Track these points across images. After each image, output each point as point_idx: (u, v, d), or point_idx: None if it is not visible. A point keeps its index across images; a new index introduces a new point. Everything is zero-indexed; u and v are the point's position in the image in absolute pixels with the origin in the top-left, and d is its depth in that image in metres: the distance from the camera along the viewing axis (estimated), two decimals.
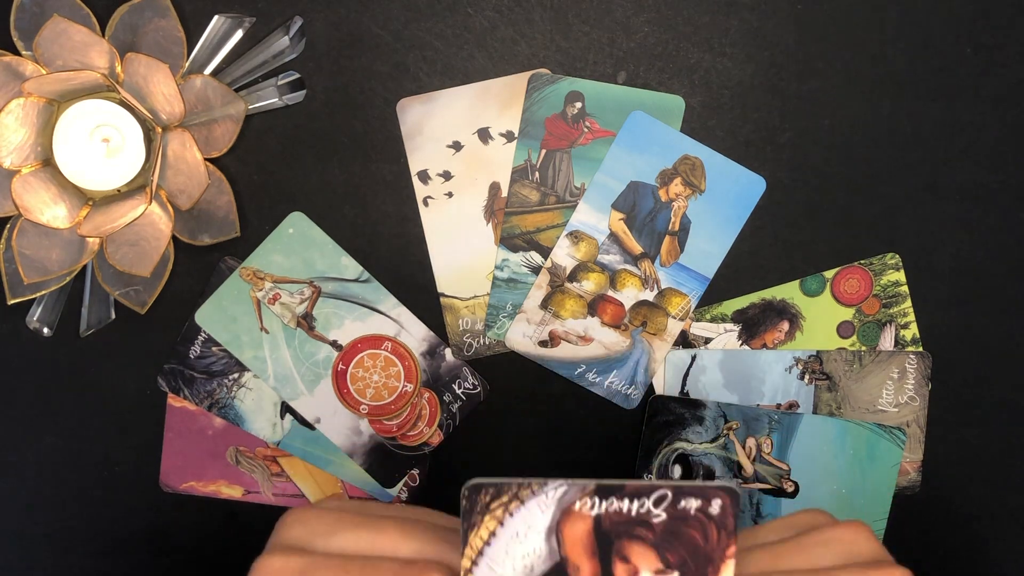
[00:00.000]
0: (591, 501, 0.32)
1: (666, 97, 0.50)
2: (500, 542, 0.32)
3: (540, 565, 0.32)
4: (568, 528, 0.32)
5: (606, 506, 0.32)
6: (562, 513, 0.32)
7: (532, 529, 0.32)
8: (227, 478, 0.52)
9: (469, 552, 0.32)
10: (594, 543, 0.32)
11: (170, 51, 0.48)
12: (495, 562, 0.32)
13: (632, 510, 0.32)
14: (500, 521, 0.32)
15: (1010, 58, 0.50)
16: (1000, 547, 0.53)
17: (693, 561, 0.32)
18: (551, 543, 0.32)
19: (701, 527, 0.32)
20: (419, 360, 0.51)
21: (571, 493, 0.32)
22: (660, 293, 0.51)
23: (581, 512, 0.32)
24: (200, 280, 0.51)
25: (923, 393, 0.52)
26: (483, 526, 0.32)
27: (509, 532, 0.32)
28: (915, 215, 0.51)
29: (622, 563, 0.32)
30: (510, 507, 0.32)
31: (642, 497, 0.32)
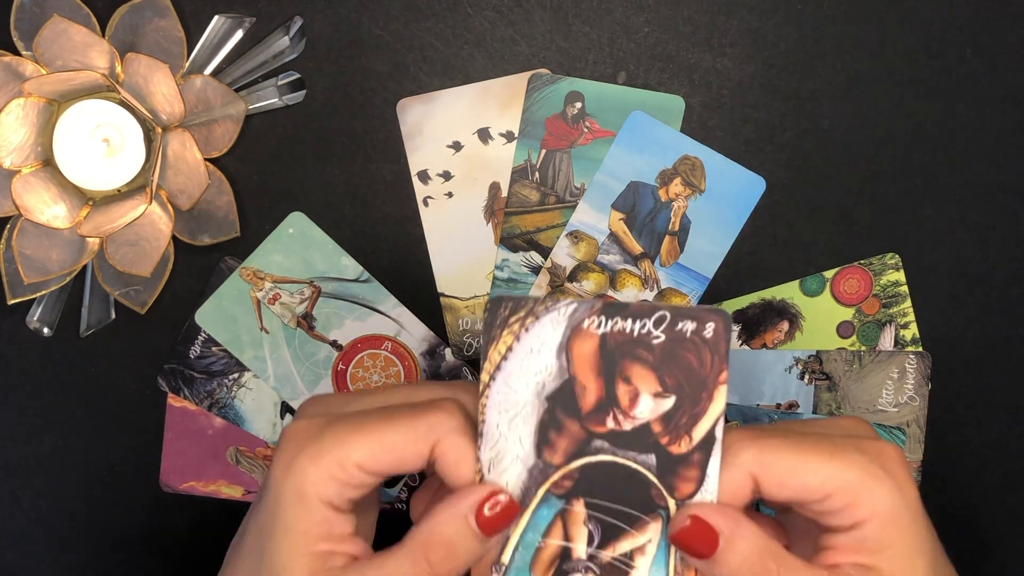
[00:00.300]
0: (598, 319, 0.34)
1: (666, 97, 0.50)
2: (516, 357, 0.34)
3: (551, 382, 0.34)
4: (577, 346, 0.34)
5: (611, 325, 0.34)
6: (572, 331, 0.34)
7: (545, 345, 0.34)
8: (227, 478, 0.52)
9: (488, 366, 0.34)
10: (600, 362, 0.34)
11: (170, 51, 0.48)
12: (511, 376, 0.34)
13: (634, 330, 0.34)
14: (516, 336, 0.34)
15: (1010, 58, 0.50)
16: (1000, 547, 0.53)
17: (688, 385, 0.34)
18: (561, 360, 0.34)
19: (696, 350, 0.34)
20: (419, 360, 0.52)
21: (581, 310, 0.34)
22: (660, 293, 0.51)
23: (589, 330, 0.34)
24: (200, 280, 0.51)
25: (923, 393, 0.52)
26: (501, 340, 0.34)
27: (524, 347, 0.34)
28: (915, 215, 0.51)
29: (624, 384, 0.34)
30: (526, 322, 0.34)
31: (644, 318, 0.34)
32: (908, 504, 0.34)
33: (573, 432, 0.34)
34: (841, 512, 0.34)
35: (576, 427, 0.34)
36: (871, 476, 0.33)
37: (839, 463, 0.33)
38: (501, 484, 0.34)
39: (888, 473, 0.34)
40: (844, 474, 0.33)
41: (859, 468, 0.33)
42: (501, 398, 0.34)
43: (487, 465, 0.34)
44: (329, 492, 0.34)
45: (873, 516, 0.33)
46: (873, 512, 0.33)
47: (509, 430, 0.34)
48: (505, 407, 0.34)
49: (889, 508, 0.33)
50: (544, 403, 0.34)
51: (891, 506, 0.33)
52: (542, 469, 0.34)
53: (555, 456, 0.34)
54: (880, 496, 0.33)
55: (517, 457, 0.34)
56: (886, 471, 0.34)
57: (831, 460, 0.33)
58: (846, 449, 0.34)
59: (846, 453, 0.34)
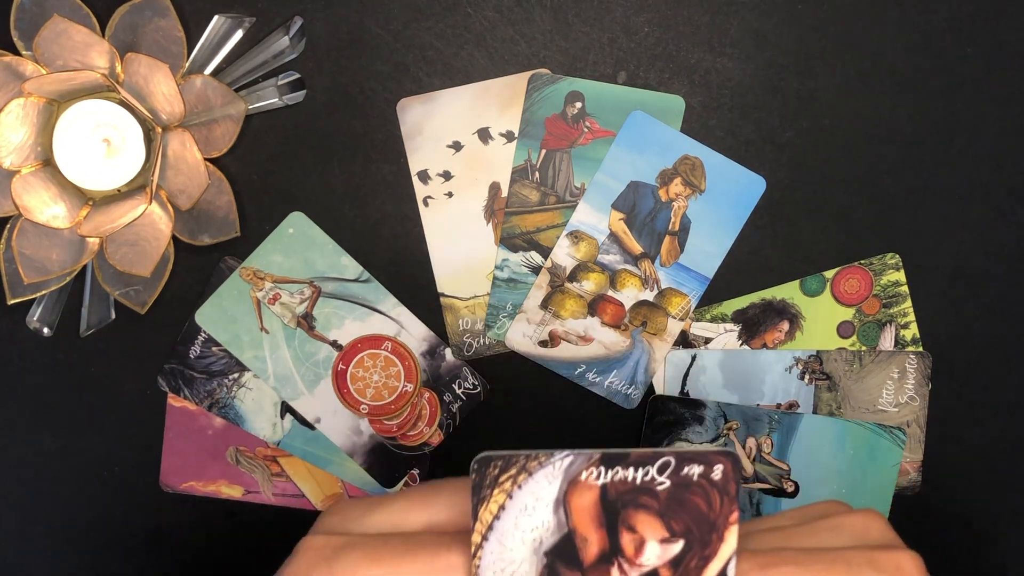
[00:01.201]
0: (597, 471, 0.32)
1: (666, 97, 0.50)
2: (509, 516, 0.33)
3: (549, 538, 0.33)
4: (575, 499, 0.33)
5: (611, 475, 0.32)
6: (569, 484, 0.32)
7: (540, 501, 0.33)
8: (227, 478, 0.52)
9: (479, 527, 0.33)
10: (601, 513, 0.33)
11: (170, 51, 0.48)
12: (505, 536, 0.33)
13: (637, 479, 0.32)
14: (509, 494, 0.33)
15: (1010, 58, 0.50)
16: (1000, 547, 0.53)
17: (697, 528, 0.32)
18: (559, 515, 0.33)
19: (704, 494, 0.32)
20: (419, 360, 0.52)
21: (577, 463, 0.32)
22: (660, 293, 0.51)
23: (587, 482, 0.32)
24: (200, 280, 0.51)
25: (923, 393, 0.52)
26: (492, 500, 0.33)
27: (518, 505, 0.33)
28: (915, 215, 0.51)
29: (629, 533, 0.33)
30: (518, 479, 0.32)
31: (646, 465, 0.32)
32: None
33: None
34: None
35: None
36: None
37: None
38: None
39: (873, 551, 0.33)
40: None
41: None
42: (495, 558, 0.33)
43: None
44: None
45: None
46: None
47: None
48: (500, 567, 0.33)
49: None
50: (543, 559, 0.33)
51: None
52: None
53: None
54: None
55: None
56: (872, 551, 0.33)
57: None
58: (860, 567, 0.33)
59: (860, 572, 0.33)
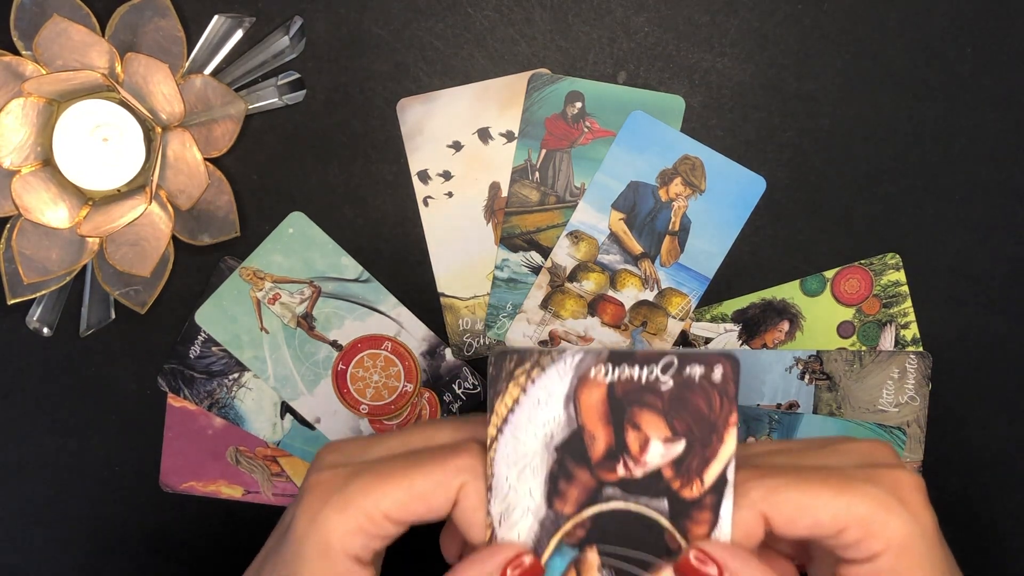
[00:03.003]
0: (605, 368, 0.33)
1: (666, 97, 0.50)
2: (523, 409, 0.34)
3: (559, 433, 0.34)
4: (584, 395, 0.34)
5: (618, 373, 0.33)
6: (579, 380, 0.34)
7: (552, 396, 0.34)
8: (227, 478, 0.52)
9: (495, 419, 0.34)
10: (608, 411, 0.34)
11: (170, 51, 0.48)
12: (518, 429, 0.34)
13: (642, 377, 0.33)
14: (523, 388, 0.34)
15: (1010, 58, 0.50)
16: (1000, 547, 0.53)
17: (698, 429, 0.33)
18: (569, 411, 0.34)
19: (705, 395, 0.33)
20: (419, 360, 0.52)
21: (587, 360, 0.34)
22: (660, 293, 0.51)
23: (596, 379, 0.34)
24: (200, 280, 0.51)
25: (923, 393, 0.52)
26: (507, 393, 0.34)
27: (531, 399, 0.34)
28: (915, 215, 0.51)
29: (634, 431, 0.34)
30: (532, 374, 0.34)
31: (651, 364, 0.33)
32: (924, 533, 0.33)
33: (584, 481, 0.34)
34: (856, 545, 0.33)
35: (586, 476, 0.34)
36: (884, 508, 0.33)
37: (850, 497, 0.33)
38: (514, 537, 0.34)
39: (902, 503, 0.33)
40: (856, 508, 0.33)
41: (871, 500, 0.33)
42: (509, 451, 0.34)
43: (498, 519, 0.34)
44: (355, 545, 0.33)
45: (888, 548, 0.33)
46: (888, 544, 0.33)
47: (519, 482, 0.34)
48: (514, 460, 0.34)
49: (903, 539, 0.33)
50: (553, 454, 0.34)
51: (905, 536, 0.33)
52: (553, 520, 0.34)
53: (566, 506, 0.34)
54: (894, 527, 0.33)
55: (528, 509, 0.34)
56: (900, 501, 0.33)
57: (842, 494, 0.33)
58: (858, 481, 0.34)
59: (857, 485, 0.33)
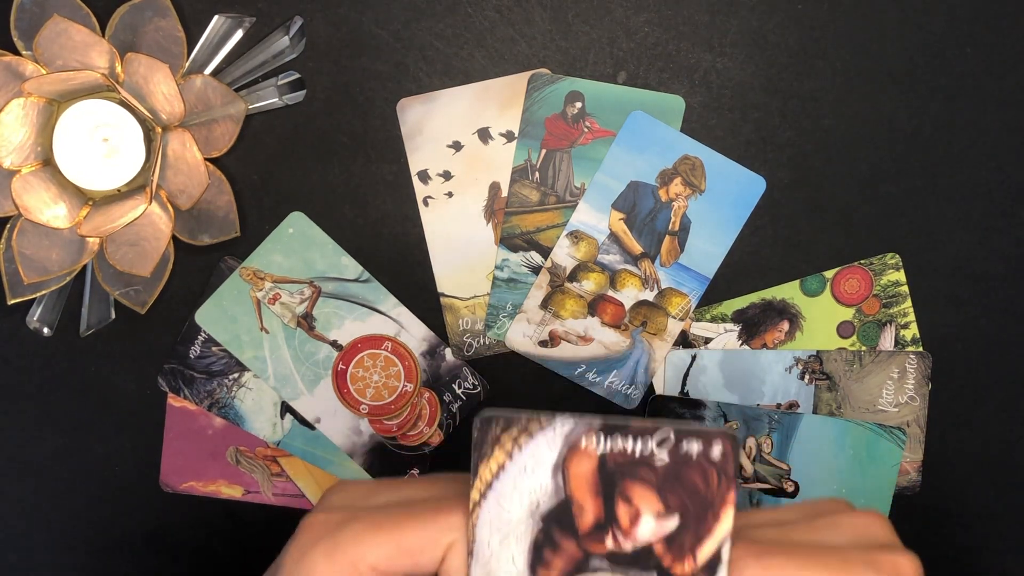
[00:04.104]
0: (596, 439, 0.33)
1: (666, 97, 0.50)
2: (508, 476, 0.33)
3: (546, 501, 0.33)
4: (574, 465, 0.33)
5: (611, 445, 0.33)
6: (568, 450, 0.33)
7: (539, 465, 0.33)
8: (227, 478, 0.52)
9: (479, 484, 0.33)
10: (598, 482, 0.33)
11: (170, 51, 0.48)
12: (503, 496, 0.33)
13: (636, 450, 0.33)
14: (509, 454, 0.33)
15: (1010, 58, 0.50)
16: (1000, 547, 0.53)
17: (693, 505, 0.33)
18: (557, 480, 0.33)
19: (702, 472, 0.32)
20: (419, 360, 0.52)
21: (578, 429, 0.33)
22: (660, 293, 0.51)
23: (587, 450, 0.33)
24: (200, 280, 0.51)
25: (923, 393, 0.52)
26: (493, 458, 0.33)
27: (517, 466, 0.33)
28: (915, 215, 0.51)
29: (625, 504, 0.33)
30: (519, 440, 0.33)
31: (646, 437, 0.32)
32: None
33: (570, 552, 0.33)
34: None
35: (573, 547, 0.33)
36: None
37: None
38: None
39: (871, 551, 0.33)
40: None
41: None
42: (493, 516, 0.33)
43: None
44: None
45: None
46: None
47: (501, 549, 0.33)
48: (497, 526, 0.33)
49: None
50: (539, 522, 0.33)
51: None
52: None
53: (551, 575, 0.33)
54: None
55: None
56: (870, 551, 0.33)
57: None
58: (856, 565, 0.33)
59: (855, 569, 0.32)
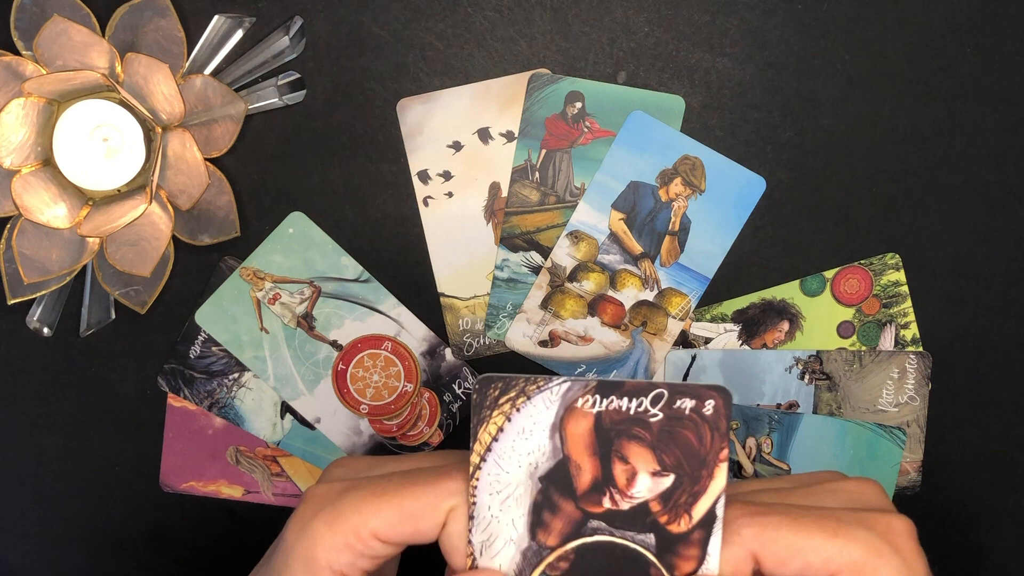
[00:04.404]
0: (592, 398, 0.33)
1: (666, 97, 0.50)
2: (507, 438, 0.33)
3: (544, 462, 0.33)
4: (571, 425, 0.33)
5: (606, 404, 0.33)
6: (565, 410, 0.33)
7: (537, 426, 0.33)
8: (227, 478, 0.52)
9: (478, 447, 0.33)
10: (595, 442, 0.33)
11: (170, 51, 0.48)
12: (502, 458, 0.33)
13: (631, 408, 0.33)
14: (507, 416, 0.33)
15: (1010, 58, 0.50)
16: (1000, 547, 0.53)
17: (688, 463, 0.33)
18: (555, 440, 0.33)
19: (695, 428, 0.33)
20: (419, 360, 0.52)
21: (574, 389, 0.33)
22: (660, 293, 0.51)
23: (583, 409, 0.33)
24: (200, 280, 0.51)
25: (923, 393, 0.52)
26: (491, 421, 0.33)
27: (516, 428, 0.33)
28: (915, 215, 0.51)
29: (621, 463, 0.33)
30: (517, 402, 0.33)
31: (640, 395, 0.33)
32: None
33: (568, 513, 0.33)
34: None
35: (571, 507, 0.33)
36: (876, 554, 0.32)
37: (843, 541, 0.33)
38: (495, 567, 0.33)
39: (895, 550, 0.33)
40: (848, 552, 0.32)
41: (864, 545, 0.33)
42: (492, 479, 0.33)
43: (479, 547, 0.33)
44: (341, 561, 0.33)
45: None
46: None
47: (501, 512, 0.33)
48: (497, 488, 0.33)
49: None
50: (537, 484, 0.33)
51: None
52: (536, 551, 0.33)
53: (550, 537, 0.33)
54: (885, 574, 0.32)
55: (510, 539, 0.33)
56: (893, 547, 0.33)
57: (834, 538, 0.33)
58: (851, 525, 0.33)
59: (850, 530, 0.33)
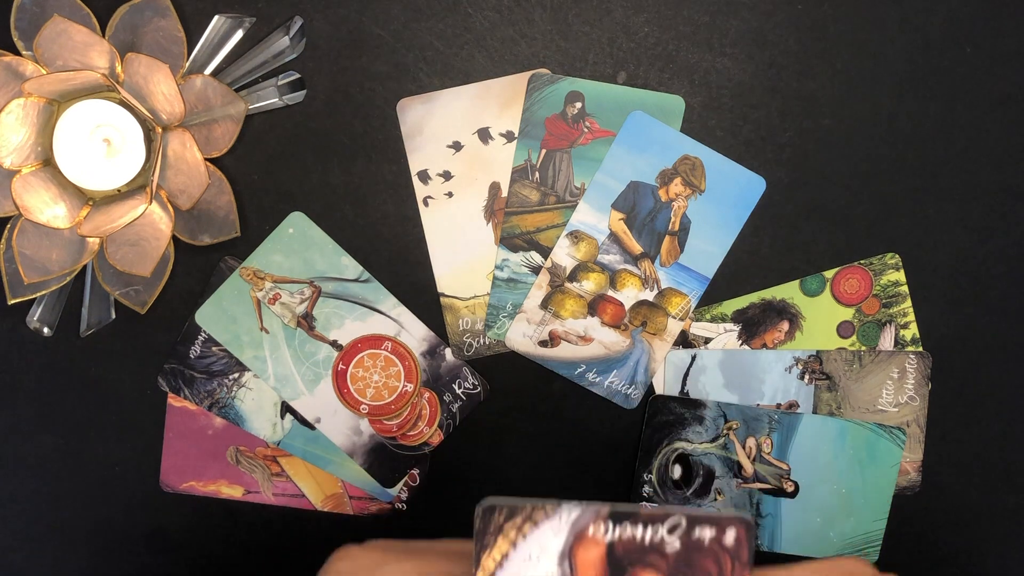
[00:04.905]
0: (604, 526, 0.32)
1: (666, 97, 0.50)
2: (512, 565, 0.32)
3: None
4: (581, 553, 0.32)
5: (619, 532, 0.32)
6: (575, 537, 0.32)
7: (545, 552, 0.32)
8: (227, 478, 0.52)
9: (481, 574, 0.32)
10: (607, 570, 0.32)
11: (170, 51, 0.48)
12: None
13: (646, 537, 0.32)
14: (513, 543, 0.32)
15: (1010, 58, 0.50)
16: (1000, 547, 0.53)
17: None
18: (564, 568, 0.32)
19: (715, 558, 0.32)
20: (419, 360, 0.51)
21: (585, 517, 0.32)
22: (660, 293, 0.51)
23: (595, 537, 0.32)
24: (200, 280, 0.51)
25: (923, 393, 0.52)
26: (496, 548, 0.32)
27: (522, 555, 0.32)
28: (915, 215, 0.51)
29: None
30: (523, 529, 0.32)
31: (656, 524, 0.32)
32: None
33: None
34: None
35: None
36: None
37: None
38: None
39: None
40: None
41: None
42: None
43: None
44: None
45: None
46: None
47: None
48: None
49: None
50: None
51: None
52: None
53: None
54: None
55: None
56: None
57: None
58: None
59: None
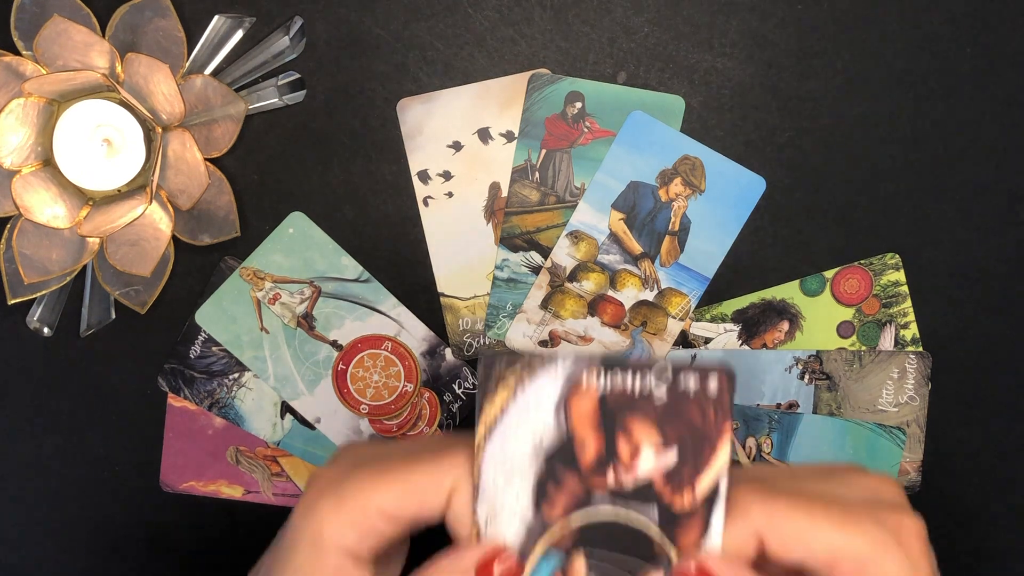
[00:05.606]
0: (597, 374, 0.33)
1: (666, 97, 0.50)
2: (512, 414, 0.33)
3: (549, 438, 0.33)
4: (575, 402, 0.33)
5: (611, 380, 0.33)
6: (570, 387, 0.33)
7: (542, 402, 0.33)
8: (227, 478, 0.52)
9: (484, 423, 0.33)
10: (599, 418, 0.33)
11: (170, 51, 0.48)
12: (507, 434, 0.33)
13: (635, 385, 0.33)
14: (512, 392, 0.33)
15: (1010, 58, 0.50)
16: (1000, 547, 0.53)
17: (691, 439, 0.33)
18: (559, 417, 0.33)
19: (699, 407, 0.33)
20: (419, 360, 0.52)
21: (579, 366, 0.33)
22: (660, 293, 0.51)
23: (588, 386, 0.33)
24: (200, 280, 0.51)
25: (923, 393, 0.52)
26: (497, 396, 0.33)
27: (521, 404, 0.33)
28: (915, 215, 0.51)
29: (625, 438, 0.33)
30: (522, 378, 0.33)
31: (644, 372, 0.33)
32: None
33: (572, 488, 0.33)
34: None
35: (576, 483, 0.33)
36: (883, 549, 0.32)
37: (850, 531, 0.32)
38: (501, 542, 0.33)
39: (902, 547, 0.32)
40: (853, 543, 0.32)
41: (871, 539, 0.32)
42: (497, 454, 0.33)
43: (484, 521, 0.33)
44: (347, 539, 0.33)
45: None
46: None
47: (506, 486, 0.33)
48: (501, 463, 0.33)
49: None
50: (542, 459, 0.33)
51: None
52: (541, 525, 0.33)
53: (554, 512, 0.33)
54: (889, 571, 0.32)
55: (515, 513, 0.33)
56: (900, 545, 0.32)
57: (842, 528, 0.32)
58: (860, 517, 0.32)
59: (859, 521, 0.32)
